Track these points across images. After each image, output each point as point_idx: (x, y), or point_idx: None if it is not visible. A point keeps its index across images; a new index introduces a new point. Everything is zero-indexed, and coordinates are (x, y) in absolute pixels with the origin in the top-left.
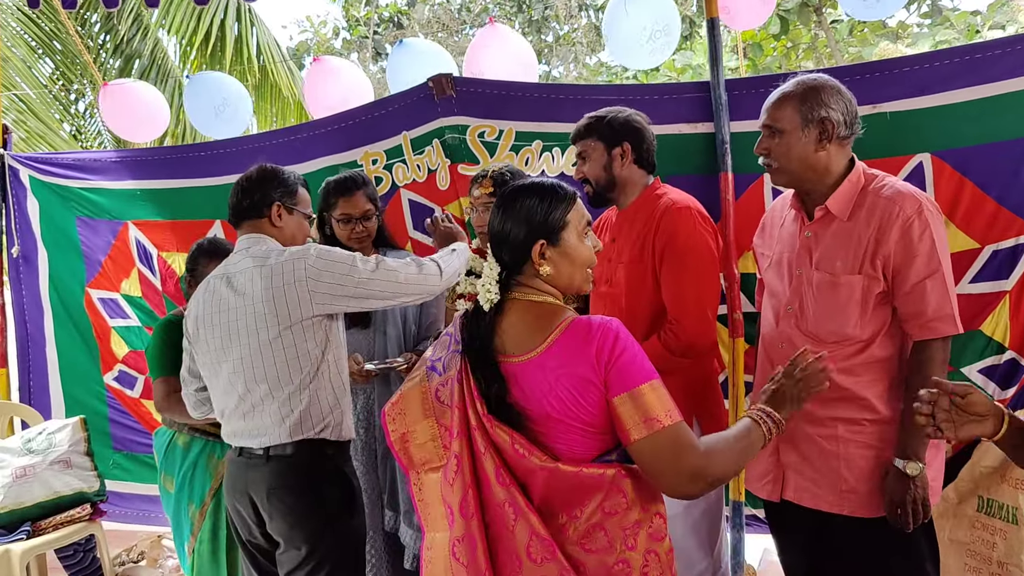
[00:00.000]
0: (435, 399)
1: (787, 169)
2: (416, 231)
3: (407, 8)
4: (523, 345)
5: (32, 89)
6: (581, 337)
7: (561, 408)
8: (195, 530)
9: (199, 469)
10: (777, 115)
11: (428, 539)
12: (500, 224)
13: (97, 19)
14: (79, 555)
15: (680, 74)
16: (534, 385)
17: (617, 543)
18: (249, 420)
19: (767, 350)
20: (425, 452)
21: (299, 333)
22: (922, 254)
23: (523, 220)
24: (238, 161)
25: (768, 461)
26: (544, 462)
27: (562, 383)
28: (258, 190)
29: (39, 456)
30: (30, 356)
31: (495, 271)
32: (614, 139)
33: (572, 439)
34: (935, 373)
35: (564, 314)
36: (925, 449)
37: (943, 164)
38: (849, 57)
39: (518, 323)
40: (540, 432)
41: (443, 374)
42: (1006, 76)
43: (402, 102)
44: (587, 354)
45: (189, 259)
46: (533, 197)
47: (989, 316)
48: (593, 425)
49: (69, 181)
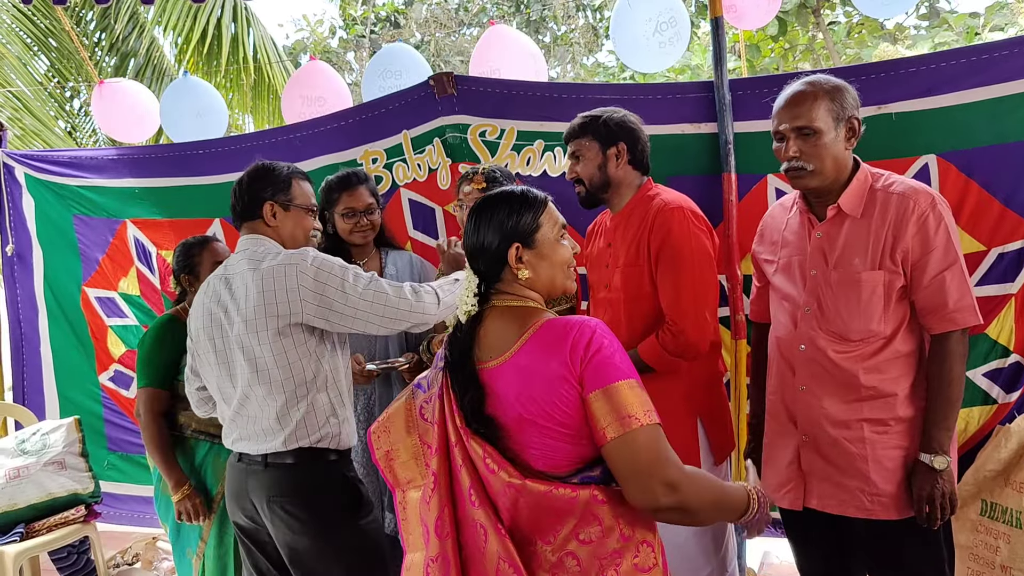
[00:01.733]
0: (419, 416)
1: (822, 171)
2: (416, 230)
3: (404, 7)
4: (498, 348)
5: (27, 87)
6: (556, 334)
7: (535, 409)
8: (204, 535)
9: (206, 473)
10: (812, 115)
11: (408, 560)
12: (474, 235)
13: (92, 17)
14: (73, 557)
15: (678, 74)
16: (508, 388)
17: (592, 573)
18: (247, 426)
19: (783, 352)
20: (408, 471)
21: (292, 341)
22: (939, 247)
23: (496, 228)
24: (236, 159)
25: (788, 470)
26: (512, 478)
27: (536, 382)
28: (249, 191)
29: (33, 457)
30: (24, 356)
31: (473, 283)
32: (610, 139)
33: (547, 443)
34: (957, 365)
35: (540, 315)
36: (951, 443)
37: (949, 166)
38: (847, 59)
39: (494, 327)
40: (515, 440)
41: (427, 391)
42: (1012, 77)
43: (403, 100)
44: (562, 350)
45: (179, 257)
46: (503, 205)
47: (995, 319)
48: (568, 426)
49: (66, 179)
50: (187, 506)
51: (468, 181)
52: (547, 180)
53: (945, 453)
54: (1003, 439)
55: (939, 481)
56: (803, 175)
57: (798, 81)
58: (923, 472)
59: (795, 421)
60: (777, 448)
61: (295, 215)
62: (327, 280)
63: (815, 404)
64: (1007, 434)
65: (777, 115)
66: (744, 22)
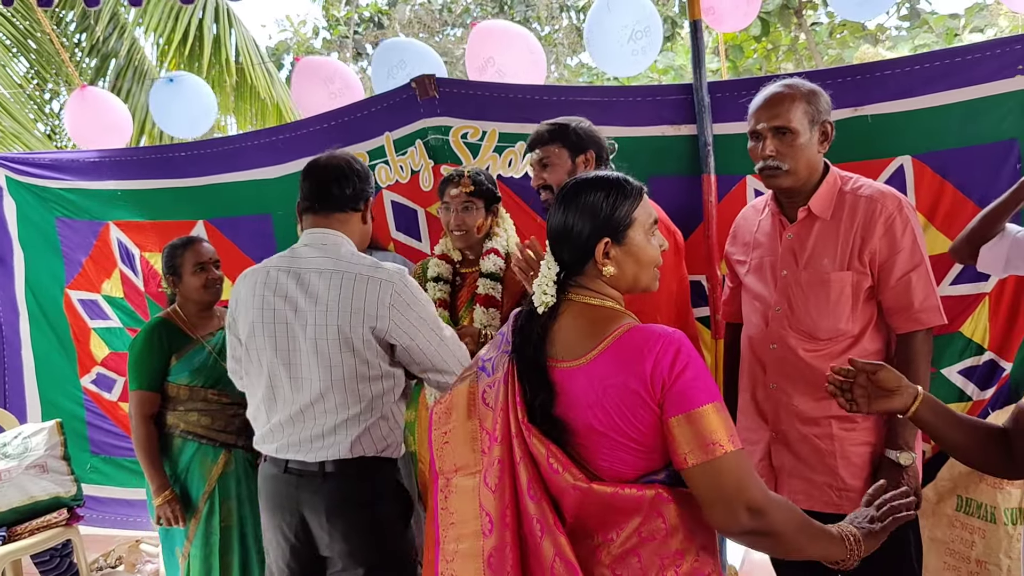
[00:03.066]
0: (481, 401)
1: (796, 170)
2: (399, 231)
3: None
4: (573, 350)
5: (6, 89)
6: (637, 347)
7: (607, 421)
8: (190, 535)
9: (192, 474)
10: (789, 116)
11: (448, 550)
12: (562, 220)
13: (73, 18)
14: (56, 560)
15: (662, 75)
16: (580, 394)
17: (652, 572)
18: (302, 432)
19: (755, 351)
20: (460, 457)
21: (375, 350)
22: (905, 248)
23: (588, 216)
24: (219, 161)
25: (759, 466)
26: (577, 481)
27: (610, 395)
28: (361, 182)
29: (14, 460)
30: (5, 359)
31: (553, 270)
32: (580, 146)
33: (617, 456)
34: (923, 365)
35: (622, 320)
36: (915, 440)
37: (924, 167)
38: (829, 59)
39: (571, 326)
40: (583, 445)
41: (491, 375)
42: (986, 79)
43: (385, 103)
44: (642, 368)
45: (164, 259)
46: (599, 191)
47: (969, 318)
48: (642, 444)
49: (48, 181)
50: (167, 512)
51: (455, 184)
52: (528, 181)
53: (911, 449)
54: None
55: (904, 476)
56: (778, 174)
57: (776, 83)
58: (889, 468)
59: (766, 418)
60: (748, 444)
61: (371, 222)
62: (423, 304)
63: (785, 401)
64: None
65: (754, 115)
66: (724, 24)
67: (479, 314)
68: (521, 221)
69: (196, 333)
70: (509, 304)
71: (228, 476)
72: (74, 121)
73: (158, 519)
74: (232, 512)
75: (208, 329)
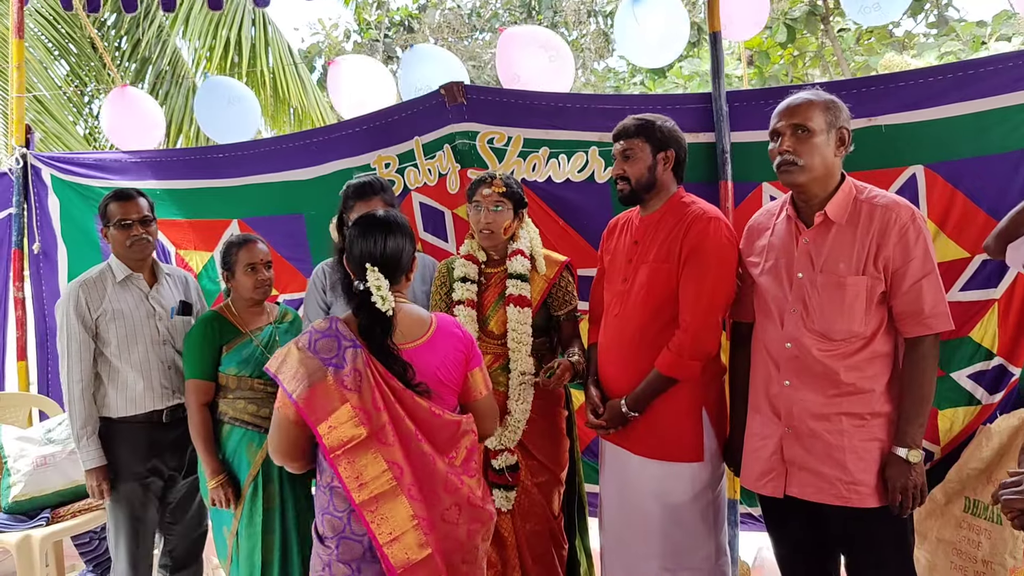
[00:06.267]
0: (343, 387)
1: (810, 167)
2: (427, 232)
3: (418, 12)
4: (412, 335)
5: (48, 91)
6: (449, 328)
7: (446, 375)
8: (237, 514)
9: (239, 458)
10: (807, 116)
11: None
12: (396, 245)
13: (114, 23)
14: (95, 543)
15: (688, 81)
16: (428, 361)
17: (475, 465)
18: None
19: (769, 350)
20: (343, 432)
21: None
22: (918, 257)
23: (409, 241)
24: (256, 163)
25: (771, 460)
26: (453, 417)
27: (450, 357)
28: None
29: (59, 445)
30: (49, 348)
31: (385, 284)
32: (662, 144)
33: (447, 399)
34: (929, 367)
35: (427, 312)
36: (922, 438)
37: (936, 176)
38: (855, 66)
39: (405, 318)
40: (436, 394)
41: (346, 365)
42: (998, 92)
43: (415, 108)
44: (459, 340)
45: (221, 255)
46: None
47: (978, 323)
48: (458, 387)
49: (90, 180)
50: (220, 494)
51: (487, 184)
52: (552, 185)
53: (918, 447)
54: (984, 439)
55: (912, 473)
56: (793, 170)
57: (799, 92)
58: (897, 464)
59: (779, 414)
60: (761, 439)
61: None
62: None
63: (798, 398)
64: (989, 434)
65: (775, 117)
66: (732, 33)
67: (512, 313)
68: (543, 223)
69: (245, 328)
70: (536, 303)
71: (270, 460)
72: (111, 118)
73: (212, 501)
74: (274, 496)
75: (257, 324)
